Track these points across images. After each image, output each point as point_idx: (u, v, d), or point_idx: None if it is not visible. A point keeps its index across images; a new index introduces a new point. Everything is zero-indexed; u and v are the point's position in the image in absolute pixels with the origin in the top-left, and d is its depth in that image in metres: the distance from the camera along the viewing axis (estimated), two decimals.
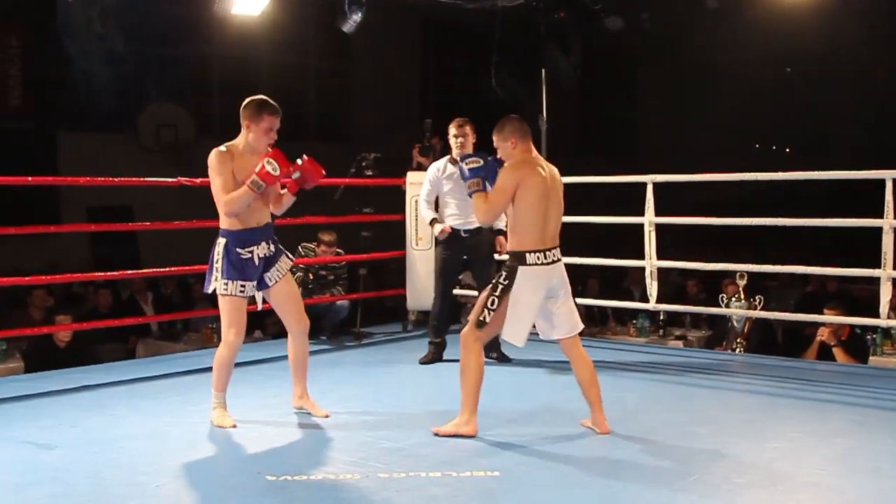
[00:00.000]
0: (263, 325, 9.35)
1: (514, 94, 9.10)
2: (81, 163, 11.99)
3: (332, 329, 7.76)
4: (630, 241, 7.63)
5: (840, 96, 18.80)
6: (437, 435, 4.63)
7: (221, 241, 4.77)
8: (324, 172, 4.87)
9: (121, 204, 12.60)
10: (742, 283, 7.41)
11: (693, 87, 18.58)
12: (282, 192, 4.91)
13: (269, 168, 4.65)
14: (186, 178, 6.67)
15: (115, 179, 7.07)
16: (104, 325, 8.09)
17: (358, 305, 7.78)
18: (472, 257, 6.61)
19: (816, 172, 6.81)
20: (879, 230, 6.18)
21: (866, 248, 6.54)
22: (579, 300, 9.31)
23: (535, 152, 4.78)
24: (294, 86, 15.53)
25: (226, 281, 4.74)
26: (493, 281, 4.70)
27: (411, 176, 7.85)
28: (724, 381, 6.17)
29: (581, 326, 4.82)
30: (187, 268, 7.23)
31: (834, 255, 10.66)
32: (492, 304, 4.62)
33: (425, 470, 4.09)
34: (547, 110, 8.49)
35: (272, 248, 4.88)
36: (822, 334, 7.30)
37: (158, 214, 8.10)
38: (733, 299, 7.49)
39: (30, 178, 6.76)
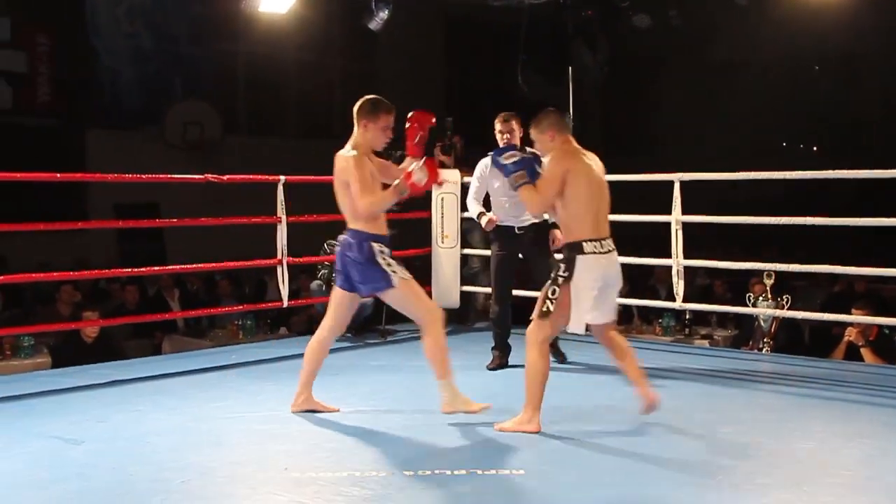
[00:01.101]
0: (289, 322, 9.37)
1: (541, 92, 9.07)
2: (109, 160, 12.09)
3: (356, 326, 7.74)
4: (653, 240, 7.58)
5: (867, 95, 18.65)
6: (501, 431, 4.62)
7: (385, 249, 4.82)
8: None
9: (147, 201, 12.69)
10: (769, 282, 7.35)
11: (719, 85, 18.45)
12: None
13: (416, 178, 4.75)
14: (214, 175, 6.68)
15: (143, 176, 7.07)
16: (131, 321, 8.14)
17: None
18: (528, 254, 6.38)
19: (844, 171, 6.73)
20: None
21: (895, 247, 6.48)
22: None
23: (575, 143, 4.75)
24: (319, 83, 15.56)
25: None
26: (553, 274, 4.67)
27: None
28: (751, 381, 6.12)
29: (615, 315, 4.87)
30: (214, 264, 7.24)
31: (862, 254, 10.59)
32: (553, 293, 4.60)
33: (450, 468, 4.08)
34: (573, 108, 8.46)
35: None
36: (850, 334, 7.23)
37: (185, 211, 8.13)
38: (760, 299, 7.43)
39: (58, 175, 6.80)
